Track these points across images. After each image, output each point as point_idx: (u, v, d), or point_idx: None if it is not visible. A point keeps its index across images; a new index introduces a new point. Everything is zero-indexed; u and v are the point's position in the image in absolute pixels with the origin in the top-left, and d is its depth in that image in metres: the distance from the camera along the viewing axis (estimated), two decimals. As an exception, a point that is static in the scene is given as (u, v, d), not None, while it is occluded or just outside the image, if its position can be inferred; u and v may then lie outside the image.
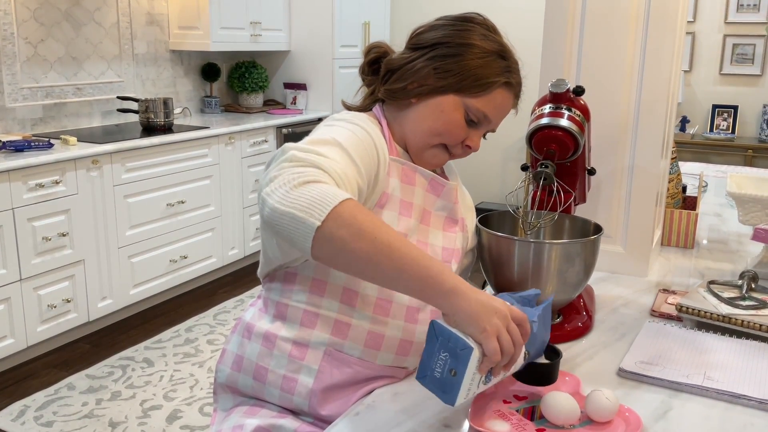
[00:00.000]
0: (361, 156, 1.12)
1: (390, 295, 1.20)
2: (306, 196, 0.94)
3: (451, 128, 1.23)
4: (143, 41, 4.32)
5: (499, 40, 1.27)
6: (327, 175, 1.00)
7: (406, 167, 1.24)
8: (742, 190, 1.85)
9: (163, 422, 2.77)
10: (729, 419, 1.10)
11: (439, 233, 1.28)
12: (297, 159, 1.01)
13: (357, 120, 1.20)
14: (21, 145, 3.14)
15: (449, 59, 1.21)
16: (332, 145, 1.10)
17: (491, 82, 1.21)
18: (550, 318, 1.11)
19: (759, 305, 1.41)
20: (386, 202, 1.19)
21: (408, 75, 1.22)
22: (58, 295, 3.27)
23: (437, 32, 1.23)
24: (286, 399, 1.22)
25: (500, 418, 1.06)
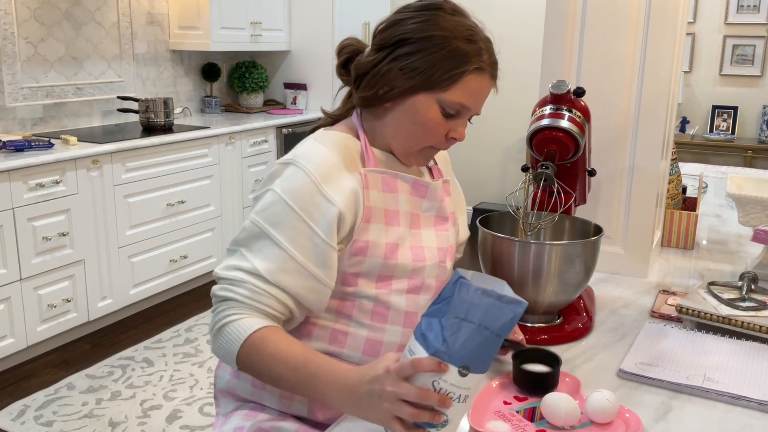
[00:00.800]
0: (305, 233, 1.12)
1: (387, 302, 1.20)
2: (220, 347, 1.12)
3: (430, 128, 1.18)
4: (143, 41, 4.32)
5: (465, 22, 1.18)
6: (236, 307, 1.12)
7: (387, 176, 1.20)
8: (742, 191, 1.85)
9: (163, 422, 2.77)
10: (729, 420, 1.10)
11: (432, 234, 1.26)
12: (215, 296, 1.15)
13: (293, 200, 1.12)
14: (21, 144, 3.14)
15: (413, 57, 1.15)
16: (261, 248, 1.13)
17: (459, 72, 1.15)
18: (505, 306, 0.90)
19: (759, 306, 1.41)
20: (370, 215, 1.17)
21: (376, 80, 1.17)
22: (58, 294, 3.27)
23: (398, 28, 1.17)
24: (284, 404, 1.22)
25: (500, 419, 1.07)
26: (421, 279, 1.23)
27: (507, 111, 5.43)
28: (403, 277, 1.21)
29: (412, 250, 1.21)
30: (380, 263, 1.18)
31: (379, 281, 1.19)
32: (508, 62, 5.31)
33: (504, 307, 0.88)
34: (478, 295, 0.88)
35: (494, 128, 5.52)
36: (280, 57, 5.14)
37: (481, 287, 0.89)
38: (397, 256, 1.19)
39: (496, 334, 0.89)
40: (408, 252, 1.21)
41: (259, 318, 1.10)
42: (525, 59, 5.24)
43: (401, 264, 1.19)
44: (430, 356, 0.89)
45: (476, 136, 5.61)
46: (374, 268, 1.18)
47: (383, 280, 1.19)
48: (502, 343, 0.91)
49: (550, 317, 1.41)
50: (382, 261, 1.18)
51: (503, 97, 5.94)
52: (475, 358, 0.89)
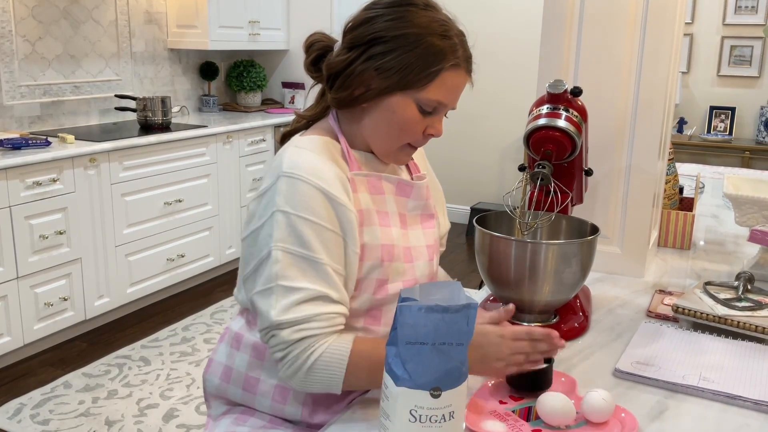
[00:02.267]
0: (330, 238, 1.11)
1: (381, 303, 1.20)
2: (317, 382, 1.09)
3: (408, 127, 1.17)
4: (141, 40, 4.31)
5: (437, 17, 1.16)
6: (317, 341, 1.08)
7: (371, 178, 1.20)
8: (739, 192, 1.85)
9: (160, 421, 2.77)
10: (725, 420, 1.10)
11: (419, 232, 1.27)
12: (287, 341, 1.08)
13: (305, 211, 1.10)
14: (18, 143, 3.13)
15: (388, 56, 1.12)
16: (305, 275, 1.08)
17: (436, 71, 1.13)
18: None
19: (755, 306, 1.41)
20: (364, 219, 1.16)
21: (351, 80, 1.15)
22: (55, 293, 3.27)
23: (370, 26, 1.14)
24: (277, 409, 1.22)
25: (496, 418, 1.06)
26: (414, 280, 1.24)
27: (504, 111, 5.43)
28: (397, 280, 1.21)
29: (404, 251, 1.22)
30: (377, 265, 1.17)
31: (378, 285, 1.19)
32: (506, 62, 5.32)
33: (453, 317, 0.88)
34: (422, 314, 0.87)
35: (492, 128, 5.52)
36: (278, 56, 5.14)
37: (425, 305, 0.87)
38: (393, 258, 1.19)
39: (457, 344, 0.89)
40: (402, 253, 1.21)
41: (337, 337, 1.10)
42: (522, 59, 5.24)
43: (396, 266, 1.20)
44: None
45: (473, 136, 5.61)
46: (372, 271, 1.17)
47: (381, 285, 1.19)
48: (469, 338, 0.90)
49: (546, 316, 1.41)
50: (379, 263, 1.17)
51: (501, 96, 5.92)
52: (442, 376, 0.89)
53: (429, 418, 0.89)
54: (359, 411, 1.10)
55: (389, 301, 1.20)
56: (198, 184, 4.00)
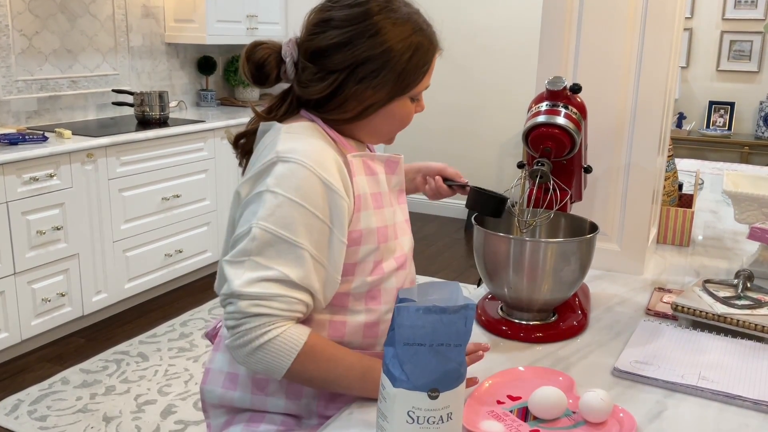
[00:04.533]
0: (320, 227, 1.10)
1: (379, 284, 1.20)
2: (262, 362, 1.08)
3: (406, 119, 1.23)
4: (139, 34, 4.29)
5: (405, 11, 1.17)
6: (274, 322, 1.07)
7: (365, 158, 1.21)
8: (738, 189, 1.85)
9: (158, 417, 2.76)
10: (724, 420, 1.10)
11: (398, 208, 1.27)
12: (244, 312, 1.06)
13: (303, 198, 1.09)
14: (15, 138, 3.12)
15: (381, 72, 1.14)
16: (283, 253, 1.07)
17: (426, 68, 1.19)
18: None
19: (754, 305, 1.41)
20: (360, 204, 1.16)
21: (347, 103, 1.17)
22: (53, 288, 3.26)
23: (350, 51, 1.13)
24: (292, 405, 1.21)
25: (494, 418, 1.06)
26: (404, 255, 1.26)
27: (503, 106, 5.42)
28: (390, 258, 1.22)
29: (392, 229, 1.23)
30: (374, 249, 1.18)
31: (375, 266, 1.20)
32: (505, 57, 5.31)
33: (451, 318, 0.87)
34: (420, 315, 0.87)
35: (490, 123, 5.51)
36: (276, 50, 5.11)
37: (422, 306, 0.87)
38: (387, 238, 1.21)
39: (455, 345, 0.88)
40: (392, 231, 1.23)
41: (296, 325, 1.09)
42: (522, 53, 5.23)
43: (390, 245, 1.21)
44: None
45: (472, 132, 5.60)
46: (369, 254, 1.18)
47: (378, 265, 1.20)
48: (467, 339, 0.90)
49: (545, 315, 1.41)
50: (375, 246, 1.18)
51: (499, 91, 5.92)
52: (440, 377, 0.88)
53: (427, 419, 0.89)
54: (357, 412, 1.10)
55: (385, 280, 1.21)
56: (196, 179, 3.99)
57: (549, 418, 1.06)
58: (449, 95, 5.61)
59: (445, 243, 5.08)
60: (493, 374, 1.19)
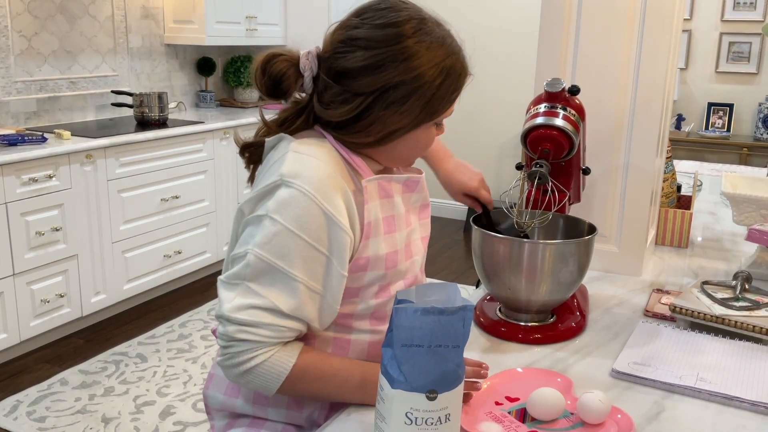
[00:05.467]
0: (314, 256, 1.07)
1: (385, 306, 1.19)
2: (251, 383, 1.08)
3: (429, 145, 1.18)
4: (138, 35, 4.29)
5: (439, 34, 1.11)
6: (261, 347, 1.06)
7: (382, 181, 1.16)
8: (736, 190, 1.85)
9: (156, 418, 2.76)
10: (721, 421, 1.10)
11: (417, 225, 1.25)
12: (231, 337, 1.06)
13: (303, 231, 1.05)
14: (14, 139, 3.12)
15: (411, 98, 1.08)
16: (273, 283, 1.05)
17: (457, 95, 1.14)
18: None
19: (752, 306, 1.41)
20: (369, 232, 1.12)
21: (373, 127, 1.10)
22: (52, 289, 3.26)
23: (379, 74, 1.07)
24: (294, 415, 1.21)
25: (492, 420, 1.06)
26: (414, 275, 1.24)
27: (502, 107, 5.42)
28: (399, 280, 1.20)
29: (406, 250, 1.21)
30: (381, 274, 1.16)
31: (381, 290, 1.18)
32: (504, 58, 5.31)
33: (449, 319, 0.87)
34: (418, 316, 0.87)
35: (489, 124, 5.51)
36: (275, 52, 5.12)
37: (420, 307, 0.87)
38: (397, 263, 1.18)
39: (453, 346, 0.88)
40: (404, 254, 1.20)
41: (284, 348, 1.08)
42: (520, 55, 5.23)
43: (399, 269, 1.19)
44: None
45: (471, 133, 5.60)
46: (375, 279, 1.16)
47: (384, 289, 1.18)
48: (465, 340, 0.90)
49: (543, 316, 1.41)
50: (383, 273, 1.16)
51: (498, 93, 5.91)
52: (438, 378, 0.88)
53: (425, 420, 0.89)
54: (355, 413, 1.10)
55: (392, 302, 1.18)
56: (195, 180, 3.99)
57: (547, 419, 1.06)
58: (448, 96, 5.60)
59: (444, 244, 5.08)
60: (491, 375, 1.19)
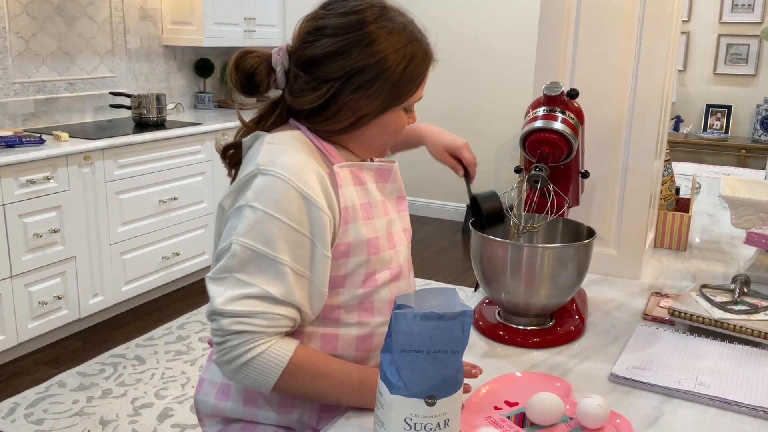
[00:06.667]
0: (299, 240, 1.09)
1: (371, 296, 1.19)
2: (248, 378, 1.09)
3: (399, 130, 1.21)
4: (136, 36, 4.29)
5: (400, 21, 1.15)
6: (258, 339, 1.07)
7: (354, 168, 1.19)
8: (735, 194, 1.85)
9: (154, 420, 2.76)
10: (720, 425, 1.10)
11: (397, 217, 1.26)
12: (226, 330, 1.06)
13: (281, 213, 1.08)
14: (12, 140, 3.12)
15: (375, 82, 1.12)
16: (262, 271, 1.07)
17: (420, 79, 1.17)
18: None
19: (751, 310, 1.41)
20: (347, 217, 1.14)
21: (341, 113, 1.14)
22: (49, 291, 3.25)
23: (344, 60, 1.11)
24: (283, 418, 1.21)
25: (491, 424, 1.06)
26: (399, 266, 1.24)
27: (500, 109, 5.42)
28: (384, 269, 1.20)
29: (388, 239, 1.21)
30: (365, 261, 1.16)
31: (366, 278, 1.18)
32: (502, 60, 5.31)
33: (449, 324, 0.87)
34: (417, 322, 0.87)
35: (488, 126, 5.52)
36: (274, 53, 5.11)
37: (420, 312, 0.87)
38: (379, 250, 1.18)
39: (452, 352, 0.88)
40: (386, 242, 1.20)
41: (280, 339, 1.09)
42: (519, 57, 5.23)
43: (382, 257, 1.19)
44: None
45: (470, 134, 5.60)
46: (359, 266, 1.16)
47: (370, 277, 1.18)
48: (464, 345, 0.90)
49: (542, 320, 1.41)
50: (366, 258, 1.16)
51: (497, 94, 5.90)
52: (437, 384, 0.88)
53: (424, 426, 0.89)
54: (353, 418, 1.10)
55: (378, 292, 1.20)
56: (193, 182, 3.98)
57: (546, 424, 1.06)
58: (447, 98, 5.61)
59: (442, 245, 5.08)
60: (490, 380, 1.19)
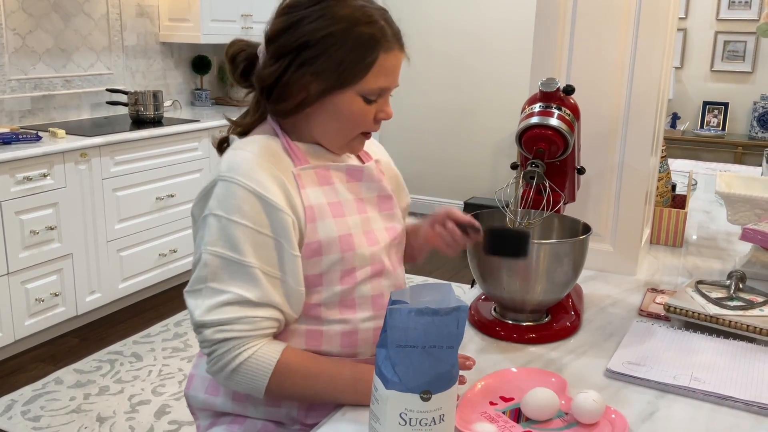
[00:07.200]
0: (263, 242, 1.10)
1: (352, 293, 1.18)
2: (240, 384, 1.11)
3: (358, 119, 1.18)
4: (133, 33, 4.28)
5: (361, 4, 1.15)
6: (243, 344, 1.09)
7: (319, 169, 1.19)
8: (731, 190, 1.85)
9: (152, 417, 2.76)
10: (715, 420, 1.10)
11: (377, 216, 1.25)
12: (210, 340, 1.09)
13: (238, 215, 1.09)
14: (9, 137, 3.11)
15: (320, 59, 1.12)
16: (234, 279, 1.09)
17: (369, 61, 1.13)
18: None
19: (746, 306, 1.41)
20: (314, 215, 1.14)
21: (288, 90, 1.15)
22: (46, 288, 3.25)
23: (295, 32, 1.13)
24: (272, 412, 1.21)
25: (486, 420, 1.06)
26: (381, 263, 1.22)
27: (497, 106, 5.42)
28: (365, 266, 1.19)
29: (366, 236, 1.20)
30: (338, 258, 1.16)
31: (344, 275, 1.17)
32: (499, 56, 5.31)
33: (443, 320, 0.87)
34: (412, 317, 0.87)
35: (485, 123, 5.52)
36: (271, 50, 5.11)
37: (415, 308, 0.87)
38: (354, 246, 1.17)
39: (447, 347, 0.88)
40: (363, 238, 1.19)
41: (268, 343, 1.10)
42: (515, 53, 5.23)
43: (359, 253, 1.18)
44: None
45: (467, 131, 5.60)
46: (334, 264, 1.16)
47: (348, 274, 1.18)
48: (459, 341, 0.90)
49: (538, 316, 1.41)
50: (340, 255, 1.16)
51: (494, 91, 5.91)
52: (432, 379, 0.88)
53: (419, 421, 0.89)
54: (349, 413, 1.10)
55: (358, 288, 1.19)
56: (190, 179, 3.98)
57: (542, 419, 1.06)
58: (443, 95, 5.61)
59: (439, 243, 5.08)
60: (485, 375, 1.19)
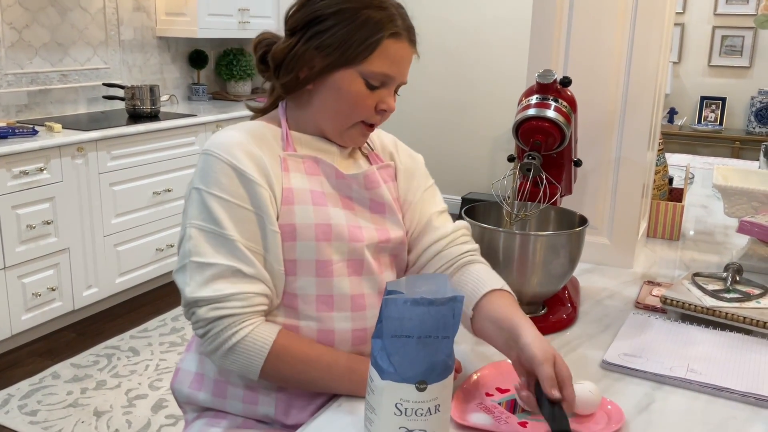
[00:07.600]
0: (244, 215, 1.10)
1: (329, 288, 1.15)
2: (235, 363, 1.10)
3: (357, 102, 1.16)
4: (130, 27, 4.27)
5: None
6: (238, 322, 1.08)
7: (307, 159, 1.18)
8: (728, 183, 1.85)
9: (149, 411, 2.76)
10: (712, 412, 1.10)
11: (367, 214, 1.22)
12: (204, 319, 1.08)
13: (215, 187, 1.11)
14: (5, 131, 3.10)
15: (327, 33, 1.14)
16: (219, 254, 1.08)
17: (375, 41, 1.13)
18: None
19: (743, 298, 1.41)
20: (292, 197, 1.14)
21: (294, 63, 1.16)
22: (43, 283, 3.25)
23: (309, 7, 1.16)
24: (249, 410, 1.20)
25: (482, 411, 1.06)
26: (361, 260, 1.18)
27: (495, 100, 5.42)
28: (341, 260, 1.16)
29: (349, 230, 1.16)
30: (313, 246, 1.13)
31: (320, 267, 1.14)
32: (497, 51, 5.31)
33: (439, 310, 0.87)
34: (407, 307, 0.87)
35: (482, 117, 5.51)
36: (268, 45, 5.10)
37: (410, 298, 0.87)
38: (331, 237, 1.14)
39: (443, 337, 0.88)
40: (345, 231, 1.16)
41: (262, 322, 1.10)
42: (513, 48, 5.23)
43: (336, 245, 1.15)
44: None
45: (464, 126, 5.60)
46: (309, 252, 1.13)
47: (324, 266, 1.14)
48: (455, 331, 0.89)
49: (534, 308, 1.41)
50: (314, 244, 1.13)
51: (492, 86, 5.91)
52: (428, 369, 0.88)
53: (415, 411, 0.89)
54: (345, 404, 1.10)
55: (338, 285, 1.16)
56: (187, 174, 3.97)
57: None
58: (441, 89, 5.60)
59: (437, 238, 5.08)
60: (481, 366, 1.19)
